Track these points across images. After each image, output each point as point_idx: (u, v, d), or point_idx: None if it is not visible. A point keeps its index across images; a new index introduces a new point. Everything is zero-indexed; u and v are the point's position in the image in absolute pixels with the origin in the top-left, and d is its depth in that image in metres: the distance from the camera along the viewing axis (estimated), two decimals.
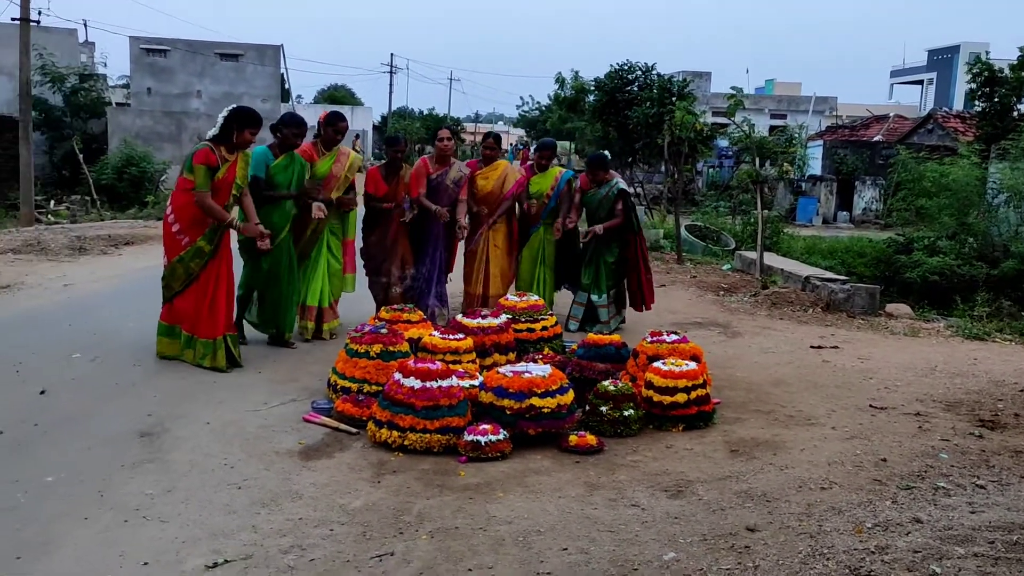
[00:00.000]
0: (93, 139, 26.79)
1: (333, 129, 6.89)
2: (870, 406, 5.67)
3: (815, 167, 28.48)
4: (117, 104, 31.35)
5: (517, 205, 7.88)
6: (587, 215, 7.96)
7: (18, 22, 19.28)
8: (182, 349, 6.02)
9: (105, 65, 39.09)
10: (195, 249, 5.86)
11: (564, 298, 8.23)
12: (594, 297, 7.76)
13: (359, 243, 7.40)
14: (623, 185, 7.92)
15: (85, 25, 56.28)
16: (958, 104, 41.19)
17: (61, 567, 3.29)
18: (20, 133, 19.40)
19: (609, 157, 8.38)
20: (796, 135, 22.05)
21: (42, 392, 5.34)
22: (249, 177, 6.19)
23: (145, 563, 3.32)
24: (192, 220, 5.85)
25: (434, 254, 7.43)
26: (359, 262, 7.40)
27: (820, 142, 30.06)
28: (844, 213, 26.11)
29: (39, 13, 21.14)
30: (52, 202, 22.71)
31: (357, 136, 37.91)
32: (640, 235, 7.94)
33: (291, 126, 6.49)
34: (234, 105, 6.07)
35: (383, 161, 7.57)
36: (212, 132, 5.89)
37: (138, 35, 32.54)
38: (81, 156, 23.77)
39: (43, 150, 25.58)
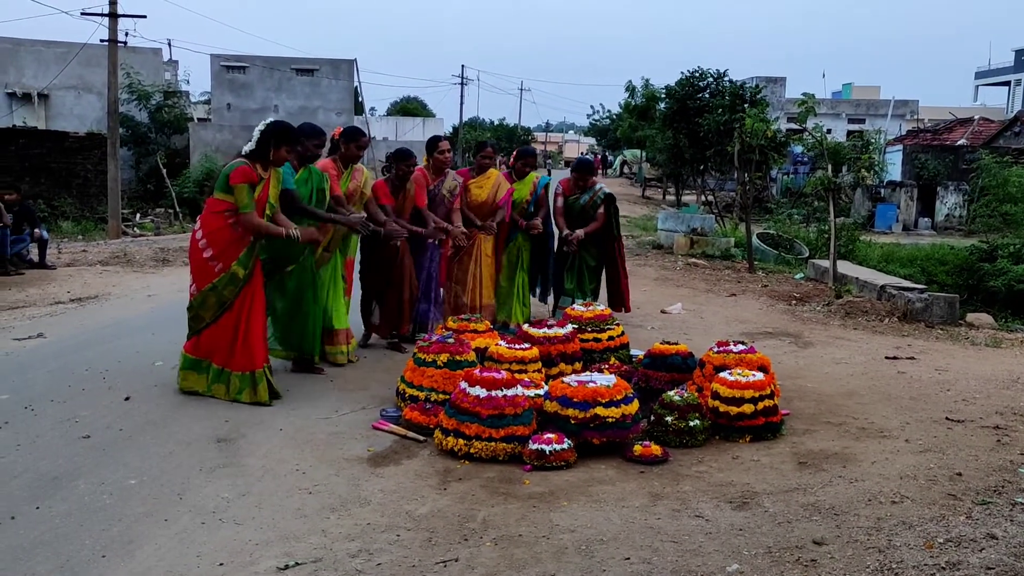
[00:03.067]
0: (176, 154, 27.86)
1: (356, 145, 6.56)
2: (946, 418, 5.52)
3: (894, 172, 27.80)
4: (199, 120, 32.53)
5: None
6: (570, 222, 8.03)
7: (107, 43, 20.16)
8: (210, 384, 5.62)
9: (188, 82, 40.45)
10: (229, 275, 5.45)
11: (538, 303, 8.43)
12: (578, 302, 7.80)
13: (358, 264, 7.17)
14: (608, 191, 8.15)
15: (169, 44, 57.95)
16: None
17: (142, 566, 3.44)
18: (108, 149, 20.26)
19: (593, 163, 8.52)
20: (873, 140, 21.56)
21: (127, 399, 5.57)
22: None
23: (220, 563, 3.45)
24: (227, 244, 5.45)
25: (429, 266, 7.33)
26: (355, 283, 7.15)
27: (900, 147, 29.32)
28: (926, 219, 25.39)
29: (126, 34, 22.09)
30: (138, 215, 23.63)
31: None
32: (619, 240, 8.24)
33: (312, 137, 6.09)
34: (271, 119, 5.75)
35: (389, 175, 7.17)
36: (248, 147, 5.51)
37: (219, 53, 33.69)
38: (165, 171, 24.74)
39: (130, 165, 26.69)
